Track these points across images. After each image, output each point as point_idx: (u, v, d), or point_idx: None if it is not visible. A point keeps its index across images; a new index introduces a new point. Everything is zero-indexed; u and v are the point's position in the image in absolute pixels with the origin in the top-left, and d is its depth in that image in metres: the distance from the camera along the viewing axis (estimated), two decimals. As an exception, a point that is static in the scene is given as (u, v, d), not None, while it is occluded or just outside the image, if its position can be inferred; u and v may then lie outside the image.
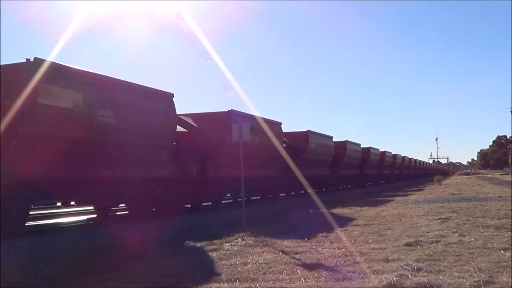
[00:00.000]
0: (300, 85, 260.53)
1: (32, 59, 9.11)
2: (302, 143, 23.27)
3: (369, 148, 38.43)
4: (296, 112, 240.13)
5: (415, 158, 74.63)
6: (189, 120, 15.89)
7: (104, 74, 10.94)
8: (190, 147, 14.43)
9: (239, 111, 16.98)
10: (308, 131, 24.13)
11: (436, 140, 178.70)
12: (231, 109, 16.59)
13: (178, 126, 14.14)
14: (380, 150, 43.26)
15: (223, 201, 18.80)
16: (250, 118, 17.22)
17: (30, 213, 10.83)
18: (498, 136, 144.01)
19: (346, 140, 31.53)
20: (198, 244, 9.56)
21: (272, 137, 18.12)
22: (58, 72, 9.54)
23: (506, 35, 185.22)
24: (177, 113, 13.82)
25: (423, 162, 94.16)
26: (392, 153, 49.96)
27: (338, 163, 29.47)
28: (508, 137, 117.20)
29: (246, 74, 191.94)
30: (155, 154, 12.60)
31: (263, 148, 18.20)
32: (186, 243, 9.95)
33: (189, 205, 16.05)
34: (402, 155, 58.57)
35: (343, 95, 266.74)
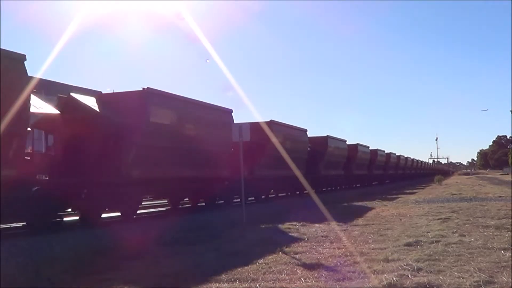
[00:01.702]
0: (300, 85, 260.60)
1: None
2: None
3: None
4: (296, 112, 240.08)
5: (416, 159, 74.77)
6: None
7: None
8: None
9: (159, 90, 12.80)
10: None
11: (436, 140, 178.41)
12: (148, 87, 12.32)
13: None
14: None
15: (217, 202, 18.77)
16: (176, 100, 13.49)
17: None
18: (498, 136, 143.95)
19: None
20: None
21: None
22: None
23: (506, 35, 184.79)
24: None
25: (423, 162, 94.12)
26: (396, 154, 51.63)
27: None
28: (508, 137, 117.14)
29: (246, 74, 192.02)
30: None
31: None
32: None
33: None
34: (401, 155, 58.86)
35: (343, 95, 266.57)
